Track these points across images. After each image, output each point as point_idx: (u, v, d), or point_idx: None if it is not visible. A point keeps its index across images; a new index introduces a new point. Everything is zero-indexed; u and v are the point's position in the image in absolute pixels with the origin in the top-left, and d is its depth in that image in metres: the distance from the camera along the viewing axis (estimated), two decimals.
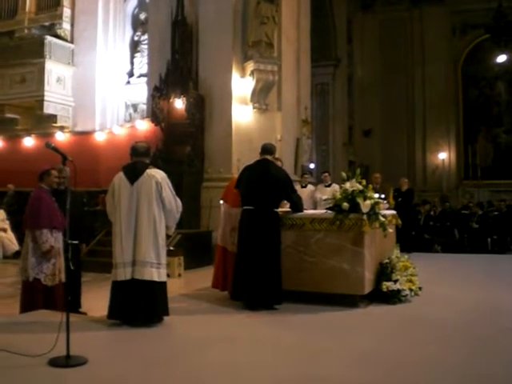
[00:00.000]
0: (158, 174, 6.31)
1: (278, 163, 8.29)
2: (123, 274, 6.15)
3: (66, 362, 4.74)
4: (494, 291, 8.85)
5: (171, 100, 14.08)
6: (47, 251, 6.68)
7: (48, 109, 18.07)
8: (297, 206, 7.73)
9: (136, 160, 6.43)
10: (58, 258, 6.82)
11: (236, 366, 4.85)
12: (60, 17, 18.84)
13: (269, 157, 7.67)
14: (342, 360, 5.06)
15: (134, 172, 6.33)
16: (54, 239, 6.73)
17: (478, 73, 26.20)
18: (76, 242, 7.26)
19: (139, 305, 6.10)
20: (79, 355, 4.83)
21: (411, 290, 7.80)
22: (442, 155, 26.18)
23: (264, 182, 7.40)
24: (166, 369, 4.79)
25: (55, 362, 4.73)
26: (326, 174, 14.16)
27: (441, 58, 26.05)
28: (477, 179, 24.65)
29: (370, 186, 7.72)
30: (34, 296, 6.74)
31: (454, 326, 6.36)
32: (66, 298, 5.23)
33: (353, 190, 7.43)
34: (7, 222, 14.63)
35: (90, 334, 5.84)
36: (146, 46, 17.77)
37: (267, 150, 7.70)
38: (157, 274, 6.15)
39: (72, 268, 6.08)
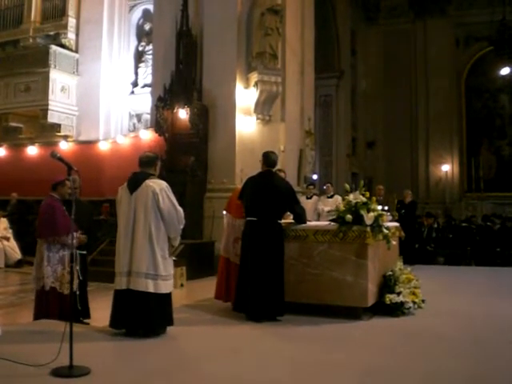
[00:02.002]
0: (156, 185, 6.26)
1: (282, 174, 8.29)
2: (119, 283, 6.17)
3: (69, 372, 4.73)
4: (497, 304, 8.82)
5: (175, 110, 14.12)
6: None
7: (52, 118, 18.09)
8: (300, 217, 7.72)
9: (139, 170, 6.44)
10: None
11: (239, 378, 4.84)
12: (65, 26, 18.89)
13: (272, 169, 7.67)
14: (346, 373, 5.04)
15: (133, 182, 6.34)
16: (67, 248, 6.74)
17: (481, 85, 26.24)
18: (84, 252, 7.30)
19: (135, 315, 6.10)
20: (82, 365, 4.82)
21: (414, 302, 7.78)
22: (445, 167, 26.19)
23: (267, 193, 7.40)
24: (169, 380, 4.79)
25: (58, 372, 4.72)
26: (328, 185, 14.17)
27: (444, 70, 26.10)
28: (480, 191, 24.63)
29: (374, 198, 7.73)
30: (50, 304, 6.73)
31: (457, 339, 6.34)
32: (72, 308, 5.23)
33: (356, 202, 7.43)
34: (10, 230, 14.73)
35: (93, 344, 5.83)
36: (150, 57, 17.81)
37: (270, 162, 7.68)
38: (152, 286, 6.09)
39: (80, 278, 6.09)
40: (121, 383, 4.68)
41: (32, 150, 17.84)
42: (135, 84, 18.90)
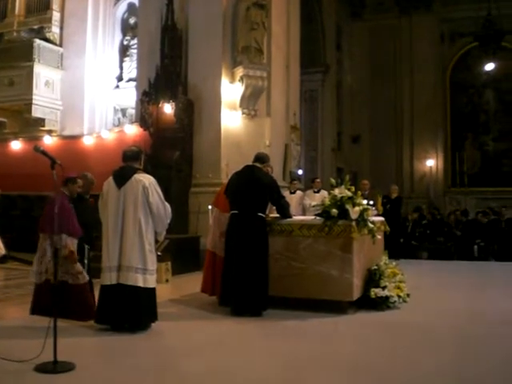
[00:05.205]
0: (145, 179, 6.28)
1: (268, 169, 8.29)
2: (109, 278, 6.16)
3: (54, 367, 4.71)
4: (480, 297, 8.92)
5: (160, 105, 14.03)
6: (67, 257, 6.61)
7: (36, 112, 17.98)
8: (284, 210, 7.73)
9: (124, 164, 6.42)
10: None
11: (224, 373, 4.84)
12: (49, 20, 18.76)
13: (258, 164, 7.70)
14: (331, 366, 5.06)
15: (121, 176, 6.33)
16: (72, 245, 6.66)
17: (466, 80, 26.31)
18: (88, 246, 7.27)
19: (124, 310, 6.09)
20: (67, 361, 4.80)
21: (399, 296, 7.82)
22: (430, 162, 26.25)
23: (249, 186, 7.45)
24: (154, 375, 4.78)
25: (42, 368, 4.71)
26: (318, 180, 14.16)
27: (429, 66, 26.14)
28: (464, 186, 24.74)
29: (359, 192, 7.74)
30: (64, 297, 6.62)
31: (441, 332, 6.38)
32: (55, 302, 5.19)
33: (342, 197, 7.45)
34: None
35: (78, 339, 5.81)
36: (135, 51, 17.71)
37: (257, 158, 7.80)
38: (142, 280, 6.12)
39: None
40: (105, 379, 4.66)
41: (16, 145, 17.68)
42: (120, 78, 18.81)
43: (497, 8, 22.00)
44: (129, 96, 17.19)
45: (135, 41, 17.80)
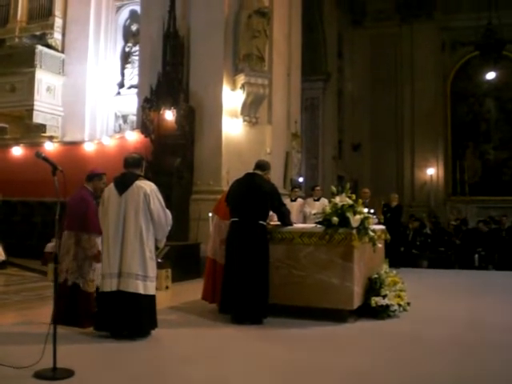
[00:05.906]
0: (147, 186, 6.27)
1: (268, 177, 8.28)
2: (109, 285, 6.14)
3: (53, 374, 4.69)
4: (480, 306, 8.90)
5: (161, 112, 14.03)
6: (94, 256, 6.61)
7: (37, 118, 17.96)
8: (284, 218, 7.72)
9: (126, 171, 6.42)
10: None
11: (224, 381, 4.82)
12: (51, 26, 18.76)
13: (259, 172, 7.69)
14: (331, 375, 5.04)
15: (122, 183, 6.32)
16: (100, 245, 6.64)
17: (467, 89, 26.35)
18: None
19: (124, 317, 6.07)
20: (66, 368, 4.78)
21: (400, 305, 7.80)
22: (431, 171, 26.27)
23: (250, 193, 7.45)
24: (154, 383, 4.76)
25: (41, 375, 4.68)
26: (318, 188, 14.14)
27: (430, 74, 26.19)
28: (464, 195, 24.77)
29: (360, 200, 7.74)
30: (71, 301, 6.61)
31: (442, 341, 6.36)
32: (55, 308, 5.18)
33: (342, 205, 7.44)
34: None
35: (77, 346, 5.80)
36: (137, 58, 17.70)
37: (258, 165, 7.79)
38: (142, 287, 6.10)
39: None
40: None
41: (17, 151, 17.67)
42: (121, 85, 18.80)
43: (497, 17, 22.08)
44: (130, 103, 17.18)
45: (137, 47, 17.80)
